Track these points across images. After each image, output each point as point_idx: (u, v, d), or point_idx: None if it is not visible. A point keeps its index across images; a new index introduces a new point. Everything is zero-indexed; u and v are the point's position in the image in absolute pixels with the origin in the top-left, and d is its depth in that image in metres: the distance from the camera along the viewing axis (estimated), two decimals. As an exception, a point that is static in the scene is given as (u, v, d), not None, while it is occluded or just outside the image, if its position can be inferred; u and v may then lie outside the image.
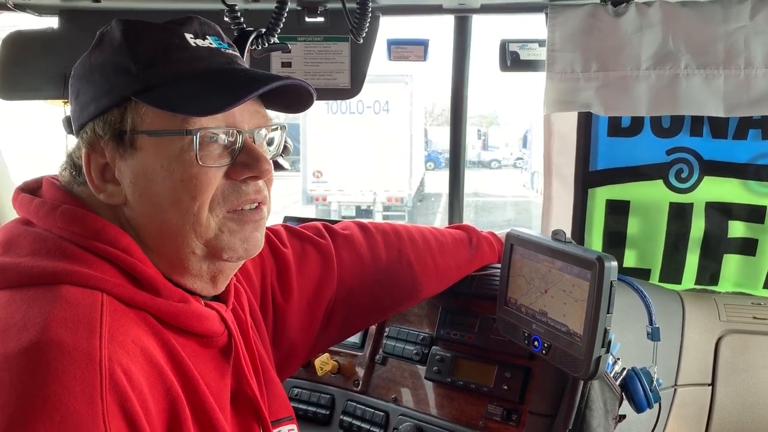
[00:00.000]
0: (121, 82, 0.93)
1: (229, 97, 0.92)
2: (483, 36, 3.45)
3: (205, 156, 0.94)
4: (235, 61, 1.01)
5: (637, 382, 1.42)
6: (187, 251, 0.97)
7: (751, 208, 1.86)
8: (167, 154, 0.93)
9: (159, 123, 0.93)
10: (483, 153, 27.40)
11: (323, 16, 1.90)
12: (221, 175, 0.96)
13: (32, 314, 0.82)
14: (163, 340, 0.92)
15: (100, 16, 1.90)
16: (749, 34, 1.71)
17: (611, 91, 1.80)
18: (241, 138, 0.97)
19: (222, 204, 0.97)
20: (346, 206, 13.55)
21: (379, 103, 12.98)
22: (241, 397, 1.05)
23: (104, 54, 0.96)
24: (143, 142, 0.94)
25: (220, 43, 1.01)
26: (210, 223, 0.97)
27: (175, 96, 0.92)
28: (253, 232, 1.01)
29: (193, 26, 0.98)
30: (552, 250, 1.33)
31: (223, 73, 0.97)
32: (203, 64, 0.96)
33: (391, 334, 1.78)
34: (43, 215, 0.96)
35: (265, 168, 0.98)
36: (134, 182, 0.95)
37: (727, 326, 1.85)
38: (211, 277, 1.03)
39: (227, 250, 0.99)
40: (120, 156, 0.95)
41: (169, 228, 0.96)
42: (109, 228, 0.95)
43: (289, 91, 1.02)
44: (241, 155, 0.97)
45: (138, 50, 0.94)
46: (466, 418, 1.58)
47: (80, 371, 0.78)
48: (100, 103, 0.95)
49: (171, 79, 0.94)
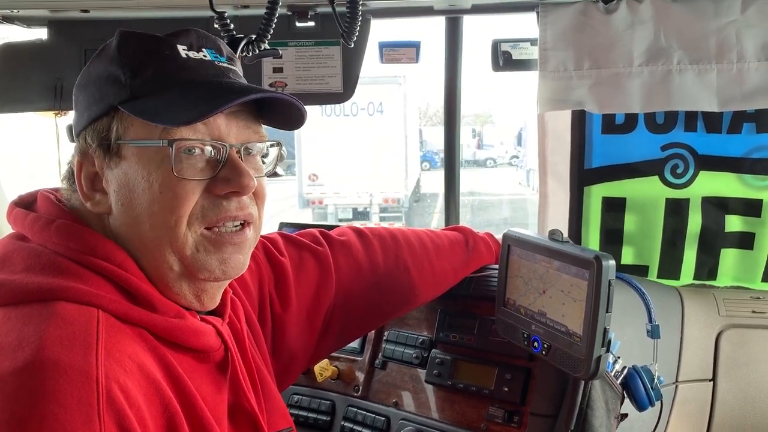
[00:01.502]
0: (110, 92, 0.94)
1: (204, 107, 0.91)
2: (476, 36, 3.45)
3: (184, 168, 0.93)
4: (226, 74, 0.99)
5: (638, 381, 1.42)
6: (165, 267, 0.96)
7: (747, 201, 1.86)
8: (148, 164, 0.92)
9: (141, 133, 0.93)
10: (478, 152, 27.41)
11: (313, 21, 1.90)
12: (201, 190, 0.94)
13: (27, 332, 0.81)
14: (160, 355, 0.91)
15: (89, 27, 1.89)
16: (740, 28, 1.71)
17: (604, 89, 1.79)
18: (225, 152, 0.95)
19: (201, 219, 0.95)
20: (343, 209, 13.54)
21: (373, 105, 12.98)
22: (239, 411, 1.04)
23: (101, 64, 0.97)
24: (127, 151, 0.94)
25: (215, 56, 0.99)
26: (187, 239, 0.95)
27: (155, 106, 0.92)
28: (233, 254, 0.99)
29: (189, 38, 0.98)
30: (549, 250, 1.33)
31: (206, 85, 0.96)
32: (188, 75, 0.95)
33: (390, 338, 1.77)
34: (37, 230, 0.95)
35: (246, 183, 0.95)
36: (118, 192, 0.95)
37: (727, 321, 1.85)
38: (195, 297, 1.01)
39: (203, 270, 0.97)
40: (107, 165, 0.95)
41: (148, 241, 0.95)
42: (104, 243, 0.94)
43: (281, 106, 1.01)
44: (224, 170, 0.95)
45: (128, 60, 0.94)
46: (468, 420, 1.57)
47: (77, 390, 0.77)
48: (91, 112, 0.95)
49: (156, 89, 0.93)
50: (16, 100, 1.95)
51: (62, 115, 2.00)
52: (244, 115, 0.99)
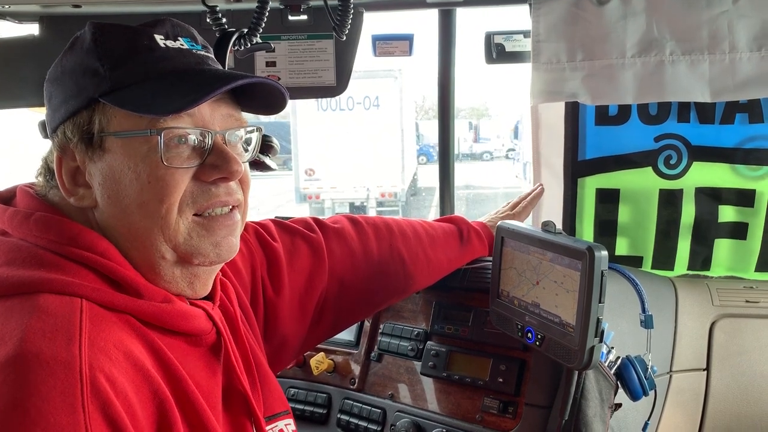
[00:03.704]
0: (89, 84, 0.93)
1: (193, 95, 0.91)
2: (470, 28, 3.44)
3: (172, 157, 0.93)
4: (205, 61, 1.00)
5: (632, 371, 1.42)
6: (157, 256, 0.96)
7: (740, 192, 1.87)
8: (134, 155, 0.92)
9: (126, 124, 0.92)
10: (474, 145, 27.43)
11: (306, 14, 1.89)
12: (189, 177, 0.95)
13: (10, 327, 0.81)
14: (149, 341, 0.90)
15: (81, 22, 1.85)
16: (732, 18, 1.71)
17: (597, 80, 1.79)
18: (210, 138, 0.96)
19: (191, 206, 0.96)
20: (340, 203, 13.55)
21: (369, 99, 12.96)
22: (233, 395, 1.04)
23: (75, 57, 0.96)
24: (111, 144, 0.93)
25: (192, 45, 0.99)
26: (179, 226, 0.95)
27: (140, 96, 0.91)
28: (226, 237, 1.00)
29: (164, 28, 0.97)
30: (542, 242, 1.33)
31: (189, 73, 0.96)
32: (170, 64, 0.95)
33: (385, 330, 1.78)
34: (17, 224, 0.94)
35: (235, 169, 0.96)
36: (103, 185, 0.94)
37: (720, 311, 1.86)
38: (188, 283, 1.01)
39: (197, 254, 0.97)
40: (89, 159, 0.94)
41: (138, 231, 0.95)
42: (85, 233, 0.93)
43: (262, 91, 1.01)
44: (211, 156, 0.96)
45: (106, 52, 0.93)
46: (463, 412, 1.58)
47: (59, 381, 0.76)
48: (69, 106, 0.94)
49: (138, 79, 0.93)
50: (8, 96, 1.94)
51: (55, 110, 1.99)
52: (226, 103, 0.99)
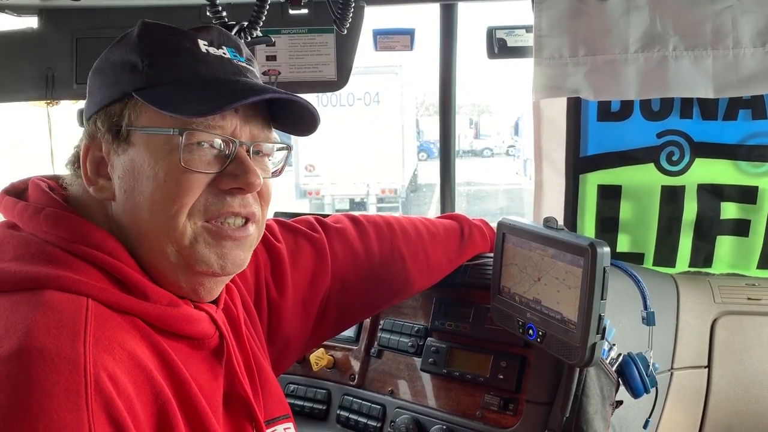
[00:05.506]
0: (126, 78, 0.95)
1: (219, 101, 0.91)
2: (472, 24, 3.43)
3: (191, 160, 0.93)
4: (243, 72, 1.00)
5: (634, 368, 1.42)
6: (162, 257, 0.95)
7: (742, 188, 1.86)
8: (155, 153, 0.93)
9: (153, 121, 0.93)
10: (475, 142, 27.38)
11: (307, 8, 1.89)
12: (206, 183, 0.95)
13: (15, 321, 0.81)
14: (153, 343, 0.90)
15: (79, 15, 1.87)
16: (736, 14, 1.70)
17: (600, 76, 1.78)
18: (234, 147, 0.96)
19: (202, 212, 0.95)
20: (340, 199, 13.54)
21: (369, 95, 12.95)
22: (234, 398, 1.04)
23: (119, 51, 0.97)
24: (136, 138, 0.94)
25: (235, 55, 1.00)
26: (186, 229, 0.95)
27: (170, 96, 0.92)
28: (233, 249, 0.99)
29: (210, 35, 0.99)
30: (544, 238, 1.32)
31: (223, 80, 0.97)
32: (207, 69, 0.96)
33: (385, 326, 1.77)
34: (27, 218, 0.94)
35: (252, 181, 0.96)
36: (122, 178, 0.95)
37: (722, 308, 1.85)
38: (192, 290, 1.00)
39: (200, 262, 0.96)
40: (114, 151, 0.95)
41: (146, 230, 0.95)
42: (95, 231, 0.94)
43: (297, 111, 1.01)
44: (231, 165, 0.96)
45: (147, 49, 0.95)
46: (463, 408, 1.57)
47: (63, 378, 0.76)
48: (104, 97, 0.96)
49: (172, 79, 0.94)
50: (7, 89, 1.94)
51: (54, 104, 1.98)
52: (259, 118, 0.99)
